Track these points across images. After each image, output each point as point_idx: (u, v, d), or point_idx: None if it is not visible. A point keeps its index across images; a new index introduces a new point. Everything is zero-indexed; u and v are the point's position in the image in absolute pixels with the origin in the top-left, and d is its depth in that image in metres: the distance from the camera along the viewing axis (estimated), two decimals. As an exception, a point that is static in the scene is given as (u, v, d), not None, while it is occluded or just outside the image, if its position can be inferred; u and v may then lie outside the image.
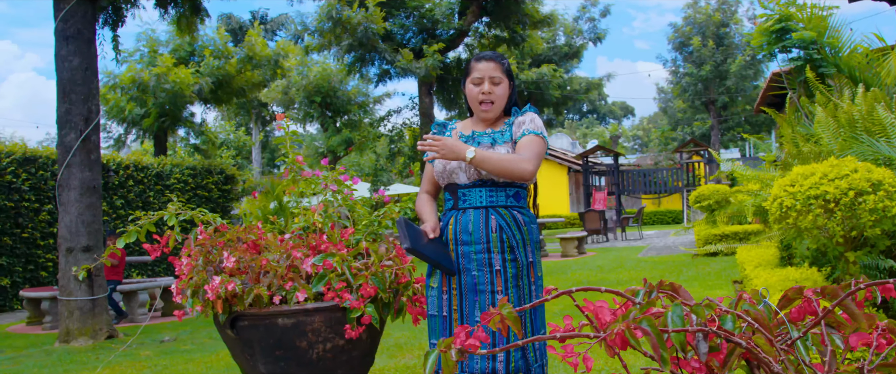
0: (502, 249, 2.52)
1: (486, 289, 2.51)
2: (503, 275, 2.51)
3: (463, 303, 2.54)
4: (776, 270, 5.39)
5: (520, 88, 20.91)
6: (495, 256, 2.51)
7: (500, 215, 2.55)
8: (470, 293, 2.52)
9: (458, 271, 2.56)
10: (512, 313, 0.95)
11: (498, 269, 2.51)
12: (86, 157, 6.72)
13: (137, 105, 15.31)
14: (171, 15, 9.48)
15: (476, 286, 2.52)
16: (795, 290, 1.00)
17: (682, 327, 0.85)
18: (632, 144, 54.14)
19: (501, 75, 2.67)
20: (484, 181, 2.58)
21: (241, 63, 16.91)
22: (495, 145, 2.61)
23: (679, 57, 26.96)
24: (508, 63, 2.76)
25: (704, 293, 7.01)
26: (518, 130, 2.63)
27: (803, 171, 3.23)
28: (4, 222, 10.20)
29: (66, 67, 6.74)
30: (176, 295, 2.70)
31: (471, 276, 2.53)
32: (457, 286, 2.55)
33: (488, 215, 2.55)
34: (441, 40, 15.07)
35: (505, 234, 2.53)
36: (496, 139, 2.63)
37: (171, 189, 13.09)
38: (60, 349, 6.46)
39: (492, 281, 2.51)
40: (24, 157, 10.50)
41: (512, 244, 2.53)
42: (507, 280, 2.51)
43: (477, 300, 2.52)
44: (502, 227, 2.53)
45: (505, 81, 2.68)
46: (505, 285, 2.50)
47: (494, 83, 2.65)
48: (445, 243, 2.61)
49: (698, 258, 10.46)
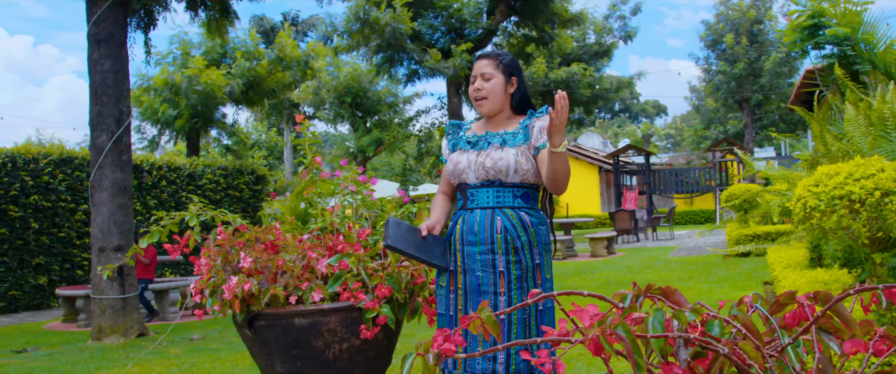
0: (506, 250, 2.50)
1: (489, 290, 2.50)
2: (507, 277, 2.49)
3: (467, 303, 2.53)
4: (805, 271, 5.30)
5: (549, 88, 20.80)
6: (499, 257, 2.50)
7: (506, 216, 2.53)
8: (473, 294, 2.52)
9: (463, 271, 2.55)
10: (491, 317, 0.95)
11: (501, 270, 2.49)
12: (117, 158, 6.85)
13: (170, 107, 15.57)
14: (202, 18, 9.61)
15: (479, 287, 2.51)
16: (787, 295, 0.98)
17: (661, 332, 0.84)
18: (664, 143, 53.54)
19: (492, 71, 2.64)
20: (491, 182, 2.57)
21: (272, 64, 17.09)
22: (505, 146, 2.58)
23: (711, 55, 26.58)
24: (509, 59, 2.70)
25: (733, 295, 6.91)
26: (540, 136, 2.58)
27: (828, 170, 3.16)
28: (42, 222, 10.45)
29: (98, 71, 6.88)
30: (195, 295, 2.74)
31: (475, 276, 2.52)
32: (462, 286, 2.55)
33: (494, 216, 2.54)
34: (469, 40, 15.06)
35: (509, 235, 2.51)
36: (506, 140, 2.60)
37: (203, 189, 13.28)
38: (93, 346, 6.61)
39: (495, 283, 2.50)
40: (60, 158, 10.74)
41: (516, 246, 2.51)
42: (510, 282, 2.49)
43: (480, 301, 2.50)
44: (507, 228, 2.52)
45: (497, 77, 2.65)
46: (508, 287, 2.49)
47: (485, 79, 2.64)
48: (444, 241, 2.61)
49: (729, 259, 10.31)
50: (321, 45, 18.42)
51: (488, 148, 2.60)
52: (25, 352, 6.60)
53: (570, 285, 8.81)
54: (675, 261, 11.06)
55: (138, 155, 12.68)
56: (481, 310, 0.93)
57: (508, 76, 2.68)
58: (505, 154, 2.56)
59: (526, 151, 2.58)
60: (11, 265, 10.10)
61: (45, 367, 5.76)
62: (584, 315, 0.92)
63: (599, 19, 22.19)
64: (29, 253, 10.31)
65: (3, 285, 10.00)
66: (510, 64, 2.70)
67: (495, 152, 2.58)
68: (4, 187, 10.00)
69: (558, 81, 20.50)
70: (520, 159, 2.55)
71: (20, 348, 6.82)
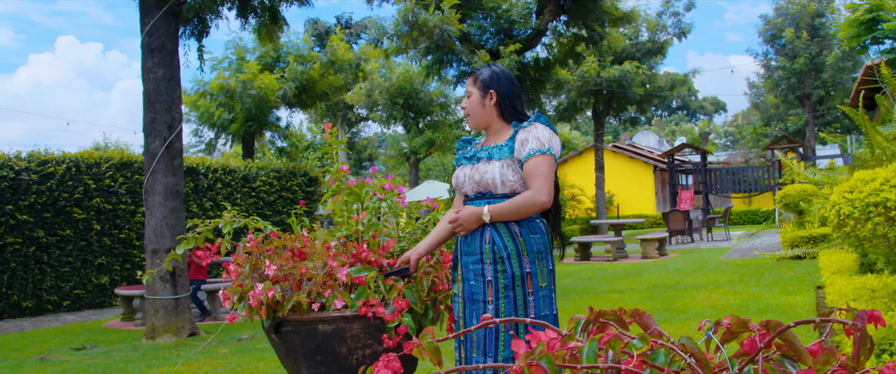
0: (494, 260, 2.58)
1: (479, 298, 2.60)
2: (494, 285, 2.57)
3: (465, 311, 2.66)
4: (854, 277, 5.14)
5: (601, 87, 20.55)
6: (487, 266, 2.59)
7: (495, 227, 2.61)
8: (469, 302, 2.64)
9: (462, 280, 2.68)
10: (431, 344, 0.98)
11: (489, 280, 2.58)
12: (169, 163, 7.10)
13: (226, 111, 15.98)
14: (252, 24, 9.85)
15: (473, 295, 2.63)
16: (740, 323, 0.97)
17: (594, 362, 0.85)
18: (723, 140, 52.27)
19: (471, 88, 2.79)
20: (483, 193, 2.68)
21: (324, 67, 17.38)
22: (491, 160, 2.67)
23: (770, 50, 25.81)
24: (486, 74, 2.78)
25: (783, 299, 6.74)
26: (522, 148, 2.63)
27: (864, 176, 3.07)
28: (104, 224, 10.88)
29: (151, 78, 7.13)
30: (224, 301, 2.84)
31: (469, 285, 2.65)
32: (461, 294, 2.69)
33: (484, 227, 2.63)
34: (518, 40, 15.01)
35: (495, 246, 2.59)
36: (493, 155, 2.69)
37: (257, 192, 13.60)
38: (146, 344, 6.86)
39: (484, 291, 2.59)
40: (120, 162, 11.16)
41: (502, 256, 2.58)
42: (498, 291, 2.57)
43: (474, 309, 2.62)
44: (494, 239, 2.59)
45: (474, 93, 2.77)
46: (495, 296, 2.57)
47: (467, 96, 2.80)
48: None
49: (783, 261, 10.03)
50: (372, 48, 18.63)
51: (479, 162, 2.72)
52: (84, 349, 6.89)
53: (617, 288, 8.72)
54: (727, 263, 10.82)
55: (194, 158, 13.05)
56: (423, 337, 0.96)
57: (484, 91, 2.76)
58: (490, 168, 2.66)
59: (512, 164, 2.65)
60: (75, 265, 10.55)
61: (100, 364, 6.01)
62: (519, 343, 0.94)
63: (652, 16, 21.79)
64: (91, 254, 10.75)
65: (68, 284, 10.45)
66: (487, 79, 2.78)
67: (483, 166, 2.69)
68: (68, 191, 10.45)
69: (611, 79, 20.24)
70: (505, 172, 2.63)
71: (80, 345, 7.13)
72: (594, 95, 21.62)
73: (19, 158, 10.16)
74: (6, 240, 9.72)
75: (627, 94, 21.22)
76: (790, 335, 0.95)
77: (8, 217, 9.76)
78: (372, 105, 24.22)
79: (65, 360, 6.33)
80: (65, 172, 10.47)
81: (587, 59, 18.75)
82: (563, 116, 22.25)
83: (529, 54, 16.44)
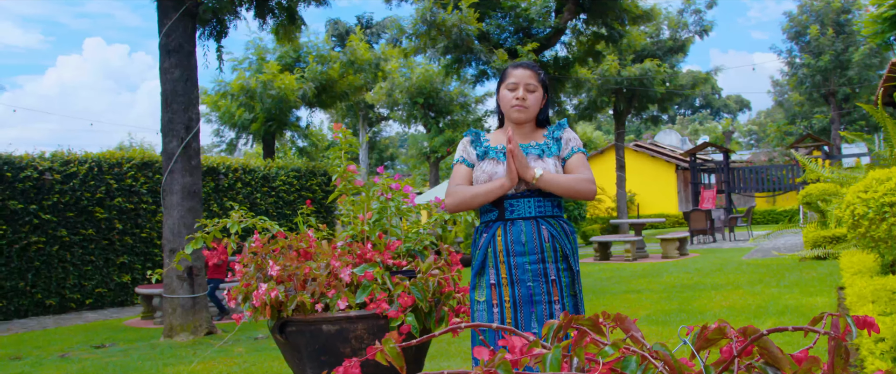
0: (556, 258, 2.53)
1: (542, 299, 2.51)
2: (559, 284, 2.52)
3: (517, 315, 2.51)
4: (875, 278, 5.04)
5: (621, 86, 20.41)
6: (550, 266, 2.52)
7: (551, 225, 2.56)
8: (525, 305, 2.51)
9: (510, 283, 2.52)
10: (393, 349, 0.96)
11: (553, 279, 2.51)
12: (187, 163, 7.15)
13: (246, 111, 16.09)
14: (270, 25, 9.90)
15: (531, 298, 2.51)
16: (715, 329, 0.94)
17: (557, 370, 0.83)
18: (747, 139, 51.63)
19: (536, 84, 2.70)
20: (532, 191, 2.58)
21: (343, 67, 17.43)
22: (544, 157, 2.62)
23: (795, 47, 25.44)
24: (545, 75, 2.78)
25: (803, 301, 6.64)
26: (566, 147, 2.67)
27: (879, 175, 3.01)
28: (125, 223, 11.01)
29: (168, 79, 7.19)
30: (229, 301, 2.85)
31: (526, 287, 2.51)
32: (510, 299, 2.53)
33: (539, 225, 2.55)
34: (536, 39, 14.94)
35: (558, 243, 2.54)
36: (545, 151, 2.64)
37: (277, 191, 13.68)
38: (164, 343, 6.92)
39: (548, 291, 2.51)
40: (142, 162, 11.28)
41: (565, 253, 2.54)
42: (562, 289, 2.52)
43: (534, 312, 2.50)
44: (555, 236, 2.54)
45: (539, 90, 2.71)
46: (560, 295, 2.51)
47: (529, 90, 2.68)
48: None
49: (805, 262, 9.88)
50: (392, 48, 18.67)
51: (527, 158, 2.61)
52: (103, 347, 6.98)
53: (634, 288, 8.65)
54: (748, 263, 10.68)
55: (215, 158, 13.16)
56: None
57: (545, 91, 2.76)
58: (546, 164, 2.59)
59: (558, 163, 2.64)
60: (98, 264, 10.68)
61: (118, 362, 6.07)
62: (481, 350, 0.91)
63: (673, 14, 21.59)
64: (114, 252, 10.88)
65: (91, 282, 10.59)
66: (546, 81, 2.79)
67: (535, 163, 2.60)
68: (91, 191, 10.59)
69: (631, 78, 20.10)
70: (558, 170, 2.62)
71: (100, 343, 7.22)
72: (615, 94, 21.47)
73: (43, 158, 10.31)
74: (30, 239, 9.87)
75: (648, 92, 21.05)
76: (767, 343, 0.92)
77: (32, 217, 9.91)
78: (392, 105, 24.30)
79: (84, 358, 6.41)
80: (87, 172, 10.60)
81: (607, 58, 18.62)
82: (584, 115, 22.12)
83: (548, 53, 16.37)
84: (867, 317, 1.18)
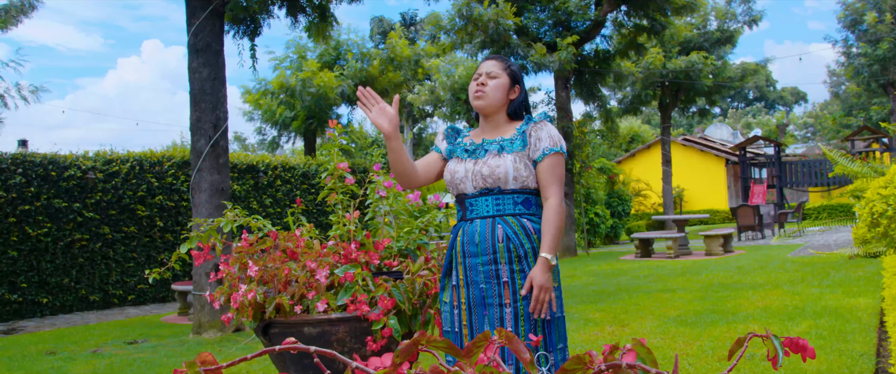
0: (510, 259, 2.40)
1: (494, 302, 2.41)
2: (512, 287, 2.39)
3: (472, 318, 2.44)
4: (914, 278, 4.76)
5: (667, 78, 19.96)
6: (502, 267, 2.40)
7: (507, 224, 2.44)
8: (478, 307, 2.43)
9: (466, 285, 2.46)
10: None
11: (505, 280, 2.40)
12: (215, 161, 7.22)
13: (287, 109, 16.26)
14: (302, 23, 9.94)
15: (484, 299, 2.42)
16: (574, 359, 0.82)
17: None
18: (803, 132, 50.03)
19: (499, 71, 2.61)
20: (490, 190, 2.49)
21: (383, 64, 17.47)
22: (503, 153, 2.50)
23: (851, 36, 24.47)
24: (516, 67, 2.67)
25: (844, 302, 6.34)
26: (536, 147, 2.51)
27: (899, 171, 2.81)
28: (166, 220, 11.23)
29: (196, 78, 7.27)
30: (213, 302, 2.82)
31: (479, 289, 2.43)
32: (466, 300, 2.46)
33: (494, 225, 2.44)
34: (576, 33, 14.70)
35: (512, 244, 2.41)
36: (504, 147, 2.52)
37: (316, 188, 13.77)
38: (192, 339, 7.01)
39: (500, 294, 2.40)
40: (182, 160, 11.49)
41: (519, 254, 2.41)
42: (515, 292, 2.39)
43: (486, 315, 2.41)
44: (509, 236, 2.42)
45: (503, 77, 2.61)
46: (513, 298, 2.39)
47: (491, 77, 2.60)
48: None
49: (854, 259, 9.47)
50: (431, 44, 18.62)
51: (485, 156, 2.53)
52: (136, 343, 7.10)
53: (670, 287, 8.41)
54: (793, 261, 10.30)
55: (254, 156, 13.32)
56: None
57: (513, 82, 2.64)
58: (502, 161, 2.48)
59: (524, 158, 2.50)
60: (140, 261, 10.92)
61: (146, 358, 6.17)
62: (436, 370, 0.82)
63: (721, 4, 20.99)
64: (155, 249, 11.11)
65: (133, 279, 10.83)
66: (517, 72, 2.67)
67: (493, 160, 2.50)
68: (133, 189, 10.83)
69: (677, 70, 19.63)
70: (518, 166, 2.48)
71: (133, 339, 7.35)
72: (660, 87, 21.02)
73: (86, 157, 10.57)
74: (74, 236, 10.14)
75: (695, 85, 20.55)
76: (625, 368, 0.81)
77: (75, 215, 10.17)
78: (436, 102, 24.28)
79: (115, 353, 6.53)
80: (129, 170, 10.84)
81: (651, 50, 18.21)
82: (629, 108, 21.70)
83: (588, 46, 16.09)
84: (799, 339, 1.06)
